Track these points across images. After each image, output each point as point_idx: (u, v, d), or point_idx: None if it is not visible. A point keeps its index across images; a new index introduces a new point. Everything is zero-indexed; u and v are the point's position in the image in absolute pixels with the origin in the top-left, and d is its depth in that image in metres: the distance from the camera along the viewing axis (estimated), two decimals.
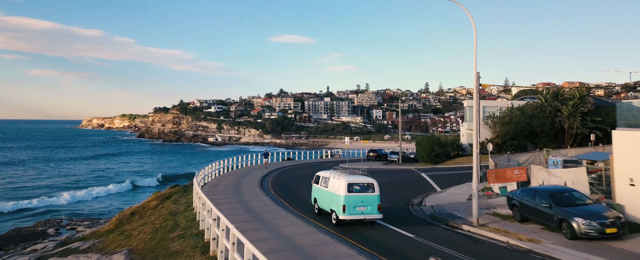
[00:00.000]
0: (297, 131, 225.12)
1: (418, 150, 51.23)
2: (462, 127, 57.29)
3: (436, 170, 42.92)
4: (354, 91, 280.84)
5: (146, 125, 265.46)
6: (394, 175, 40.99)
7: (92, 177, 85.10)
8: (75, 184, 77.32)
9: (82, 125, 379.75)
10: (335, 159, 61.97)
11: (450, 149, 51.06)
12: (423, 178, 37.96)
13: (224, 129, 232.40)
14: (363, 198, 18.65)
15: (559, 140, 50.40)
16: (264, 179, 35.38)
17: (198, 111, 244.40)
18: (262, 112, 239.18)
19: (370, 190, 18.93)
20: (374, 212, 18.71)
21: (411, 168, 46.37)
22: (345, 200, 18.44)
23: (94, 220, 51.84)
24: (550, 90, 53.64)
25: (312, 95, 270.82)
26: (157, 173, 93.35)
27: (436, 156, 49.78)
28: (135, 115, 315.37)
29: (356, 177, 19.45)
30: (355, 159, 63.11)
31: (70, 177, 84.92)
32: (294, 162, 55.63)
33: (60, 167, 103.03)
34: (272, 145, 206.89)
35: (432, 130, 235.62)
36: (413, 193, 30.58)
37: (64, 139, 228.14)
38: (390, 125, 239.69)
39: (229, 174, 38.30)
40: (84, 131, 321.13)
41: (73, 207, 57.56)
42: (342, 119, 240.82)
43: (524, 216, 19.97)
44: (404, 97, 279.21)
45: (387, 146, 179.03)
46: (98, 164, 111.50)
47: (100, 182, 78.25)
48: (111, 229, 24.60)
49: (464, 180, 35.69)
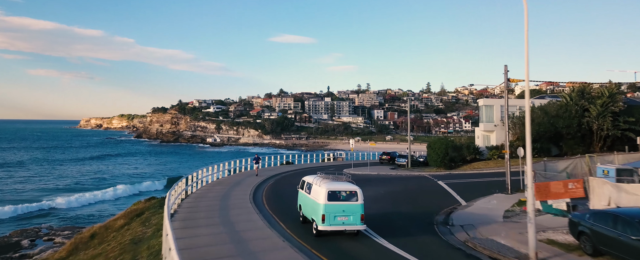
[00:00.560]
0: (297, 132, 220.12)
1: (430, 153, 46.23)
2: (477, 129, 52.29)
3: (454, 177, 37.88)
4: (355, 91, 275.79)
5: (144, 126, 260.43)
6: (407, 182, 35.98)
7: (87, 180, 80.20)
8: (68, 187, 72.93)
9: (80, 126, 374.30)
10: (339, 163, 56.86)
11: (466, 152, 46.06)
12: (441, 187, 32.94)
13: (222, 129, 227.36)
14: (345, 207, 17.11)
15: (586, 143, 45.39)
16: (258, 189, 30.35)
17: (197, 111, 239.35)
18: (262, 112, 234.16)
19: (353, 198, 17.40)
20: (357, 222, 17.12)
21: (424, 174, 41.32)
22: (325, 210, 16.92)
23: (75, 230, 47.27)
24: (575, 88, 48.58)
25: (313, 95, 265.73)
26: (161, 176, 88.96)
27: (451, 160, 44.77)
28: (134, 116, 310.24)
29: (338, 184, 17.99)
30: (361, 162, 58.01)
31: (64, 180, 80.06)
32: (293, 166, 50.59)
33: (56, 169, 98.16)
34: (271, 145, 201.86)
35: (435, 131, 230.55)
36: (434, 206, 25.60)
37: (60, 140, 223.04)
38: (392, 126, 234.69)
39: (219, 182, 33.29)
40: (81, 131, 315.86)
41: (64, 212, 53.84)
42: (343, 119, 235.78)
43: (598, 249, 14.92)
44: (406, 97, 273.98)
45: (391, 147, 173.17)
46: (94, 166, 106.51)
47: (95, 186, 73.58)
48: (63, 258, 19.58)
49: (490, 190, 30.73)
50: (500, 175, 38.05)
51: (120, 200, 60.96)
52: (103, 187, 70.92)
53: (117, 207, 53.79)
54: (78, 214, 54.91)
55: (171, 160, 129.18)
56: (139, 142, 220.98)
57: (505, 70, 29.28)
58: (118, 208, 52.02)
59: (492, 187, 32.02)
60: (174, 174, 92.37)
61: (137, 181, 78.87)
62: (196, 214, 20.42)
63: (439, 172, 42.49)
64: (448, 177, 38.58)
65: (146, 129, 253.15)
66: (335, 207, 17.05)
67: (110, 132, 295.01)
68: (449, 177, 37.99)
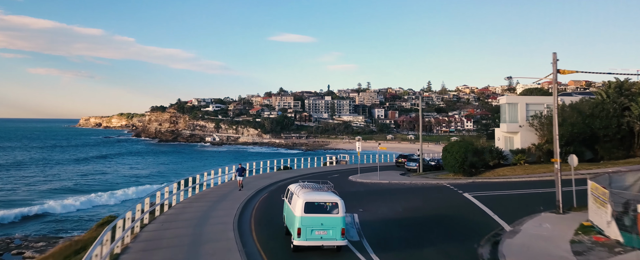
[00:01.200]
0: (297, 131, 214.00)
1: (447, 158, 40.08)
2: (497, 130, 46.14)
3: (480, 188, 31.72)
4: (355, 90, 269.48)
5: (143, 124, 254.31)
6: (426, 195, 29.82)
7: (81, 182, 74.21)
8: (63, 189, 67.32)
9: (80, 124, 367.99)
10: (343, 167, 50.60)
11: (489, 157, 39.89)
12: (469, 201, 26.80)
13: (222, 128, 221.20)
14: (324, 220, 15.37)
15: (625, 146, 39.28)
16: (246, 208, 24.19)
17: (196, 110, 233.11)
18: (261, 111, 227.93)
19: (334, 211, 15.59)
20: (337, 237, 15.41)
21: (444, 183, 35.12)
22: (301, 222, 15.25)
23: (52, 241, 41.60)
24: (612, 84, 42.40)
25: (313, 94, 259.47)
26: (159, 177, 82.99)
27: (471, 166, 38.62)
28: (133, 114, 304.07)
29: (318, 194, 16.09)
30: (368, 165, 51.64)
31: (57, 182, 74.14)
32: (291, 172, 44.33)
33: (50, 170, 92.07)
34: (271, 145, 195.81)
35: (436, 130, 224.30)
36: (471, 232, 19.59)
37: (58, 139, 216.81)
38: (392, 125, 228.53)
39: (202, 196, 27.15)
40: (80, 130, 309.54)
41: (54, 217, 49.50)
42: (343, 118, 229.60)
43: None
44: (406, 96, 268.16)
45: (394, 147, 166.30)
46: (90, 167, 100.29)
47: (89, 188, 67.76)
48: None
49: (533, 206, 24.65)
50: (535, 185, 31.93)
51: (115, 203, 55.48)
52: (97, 189, 65.23)
53: (110, 212, 47.90)
54: (69, 218, 49.68)
55: (170, 161, 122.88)
56: (137, 141, 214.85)
57: (553, 60, 23.14)
58: (112, 212, 46.18)
59: (533, 202, 25.93)
60: (173, 175, 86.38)
61: (133, 183, 72.93)
62: (153, 254, 14.30)
63: (459, 180, 36.31)
64: (473, 187, 32.41)
65: (145, 127, 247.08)
66: (313, 220, 15.25)
67: (109, 131, 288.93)
68: (474, 188, 31.82)
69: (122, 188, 64.72)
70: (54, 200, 55.93)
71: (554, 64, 23.04)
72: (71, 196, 59.38)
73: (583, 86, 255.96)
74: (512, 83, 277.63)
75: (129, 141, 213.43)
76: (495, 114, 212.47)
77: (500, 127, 45.28)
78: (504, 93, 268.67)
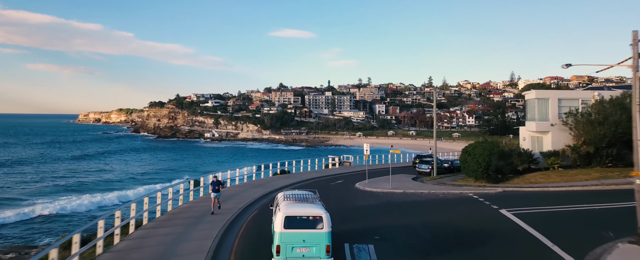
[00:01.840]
0: (297, 126, 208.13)
1: (467, 161, 34.14)
2: (522, 129, 40.22)
3: (515, 201, 25.82)
4: (356, 85, 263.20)
5: (142, 120, 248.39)
6: (452, 211, 23.91)
7: (74, 182, 68.19)
8: (53, 189, 61.40)
9: (79, 120, 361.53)
10: (348, 171, 44.42)
11: (517, 161, 33.98)
12: (510, 221, 20.92)
13: (221, 124, 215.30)
14: (306, 236, 13.32)
15: None
16: (228, 233, 18.29)
17: (194, 106, 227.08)
18: (261, 107, 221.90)
19: (318, 225, 13.42)
20: (321, 255, 13.34)
21: (469, 193, 29.17)
22: (281, 239, 13.23)
23: (23, 251, 35.91)
24: None
25: (313, 90, 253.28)
26: (156, 175, 77.16)
27: (497, 171, 32.73)
28: (132, 110, 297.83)
29: (300, 206, 13.92)
30: (376, 167, 45.58)
31: (48, 181, 68.27)
32: (289, 177, 38.29)
33: (46, 167, 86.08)
34: (271, 141, 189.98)
35: (438, 126, 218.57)
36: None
37: (56, 135, 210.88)
38: (394, 121, 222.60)
39: (172, 216, 21.27)
40: (78, 126, 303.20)
41: (44, 219, 43.72)
42: (344, 114, 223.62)
43: None
44: (407, 91, 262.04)
45: (399, 143, 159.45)
46: (84, 164, 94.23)
47: (80, 187, 62.07)
48: None
49: (591, 226, 18.96)
50: (582, 198, 25.99)
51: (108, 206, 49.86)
52: (88, 189, 59.57)
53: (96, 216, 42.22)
54: (57, 221, 43.89)
55: (168, 157, 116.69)
56: (135, 137, 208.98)
57: (634, 40, 17.17)
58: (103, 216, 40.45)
59: (593, 223, 20.13)
60: (170, 173, 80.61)
61: (127, 185, 67.24)
62: None
63: (485, 189, 30.38)
64: (506, 199, 26.50)
65: (143, 123, 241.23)
66: (294, 236, 13.35)
67: (108, 127, 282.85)
68: (509, 201, 25.91)
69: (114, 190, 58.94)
70: (46, 201, 50.66)
71: (635, 46, 17.10)
72: (65, 197, 54.14)
73: (585, 81, 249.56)
74: (514, 78, 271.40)
75: (127, 137, 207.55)
76: (497, 110, 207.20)
77: (526, 125, 39.36)
78: (505, 88, 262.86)
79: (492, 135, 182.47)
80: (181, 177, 75.58)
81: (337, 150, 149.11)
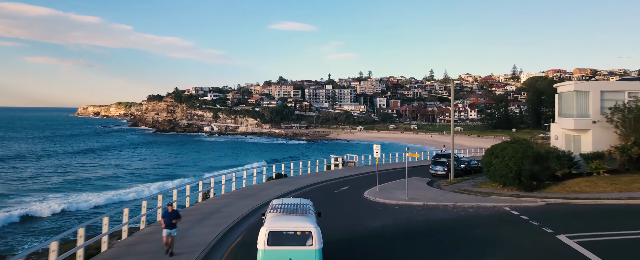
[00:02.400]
0: (297, 120, 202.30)
1: (493, 164, 28.47)
2: (554, 126, 34.51)
3: (571, 220, 20.12)
4: (357, 79, 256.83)
5: (141, 114, 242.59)
6: (488, 235, 18.15)
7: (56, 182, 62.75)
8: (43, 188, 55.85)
9: (78, 113, 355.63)
10: (353, 173, 38.55)
11: (556, 164, 28.25)
12: (582, 257, 15.25)
13: (220, 118, 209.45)
14: (293, 254, 11.23)
15: None
16: None
17: (193, 99, 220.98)
18: (261, 101, 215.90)
19: (307, 242, 11.29)
20: None
21: (504, 207, 23.40)
22: (264, 258, 11.18)
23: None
24: None
25: (313, 83, 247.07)
26: (152, 172, 71.37)
27: (532, 177, 27.11)
28: (131, 103, 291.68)
29: (286, 220, 11.72)
30: (386, 168, 39.67)
31: (42, 179, 62.89)
32: (285, 183, 32.27)
33: (40, 164, 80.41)
34: (270, 135, 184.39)
35: (439, 119, 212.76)
36: None
37: (51, 129, 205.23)
38: (395, 114, 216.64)
39: (142, 240, 15.67)
40: (77, 119, 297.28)
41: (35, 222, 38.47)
42: (345, 107, 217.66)
43: None
44: (408, 84, 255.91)
45: (399, 137, 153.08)
46: (77, 160, 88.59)
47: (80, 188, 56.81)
48: None
49: None
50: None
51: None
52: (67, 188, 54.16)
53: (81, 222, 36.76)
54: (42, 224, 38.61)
55: (167, 153, 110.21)
56: (133, 131, 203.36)
57: None
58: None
59: None
60: (168, 171, 74.99)
61: (122, 183, 61.68)
62: None
63: (522, 201, 24.66)
64: (554, 216, 20.82)
65: (142, 117, 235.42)
66: (279, 254, 11.20)
67: (107, 120, 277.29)
68: (560, 219, 20.23)
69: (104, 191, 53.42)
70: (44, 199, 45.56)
71: None
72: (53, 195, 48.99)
73: (588, 74, 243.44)
74: (516, 71, 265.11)
75: (125, 131, 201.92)
76: (499, 103, 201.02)
77: (558, 121, 33.65)
78: (508, 82, 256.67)
79: (495, 130, 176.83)
80: (178, 174, 70.21)
81: (338, 145, 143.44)
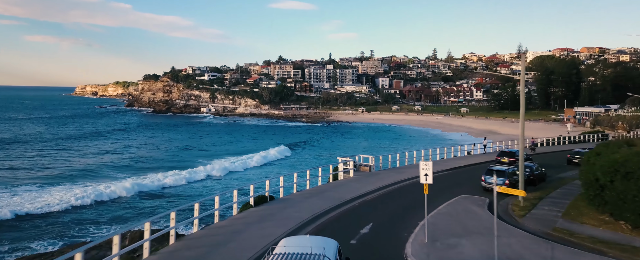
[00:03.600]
0: (297, 101, 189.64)
1: (617, 186, 16.43)
2: None
3: None
4: (358, 58, 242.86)
5: (138, 94, 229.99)
6: None
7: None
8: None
9: (76, 93, 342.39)
10: (373, 189, 25.06)
11: None
12: None
13: (217, 98, 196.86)
14: None
15: None
16: None
17: (190, 79, 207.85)
18: (259, 81, 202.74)
19: None
20: None
21: None
22: None
23: None
24: None
25: (314, 63, 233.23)
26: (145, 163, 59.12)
27: None
28: (129, 83, 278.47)
29: (294, 242, 9.92)
30: (410, 174, 27.00)
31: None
32: (267, 214, 19.58)
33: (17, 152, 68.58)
34: (269, 116, 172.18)
35: (444, 100, 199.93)
36: None
37: (44, 110, 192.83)
38: (398, 95, 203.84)
39: None
40: (73, 99, 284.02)
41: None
42: (346, 88, 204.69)
43: None
44: (412, 64, 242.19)
45: (404, 119, 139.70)
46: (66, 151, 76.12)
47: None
48: None
49: None
50: None
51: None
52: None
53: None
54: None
55: (161, 138, 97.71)
56: (128, 112, 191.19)
57: None
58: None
59: None
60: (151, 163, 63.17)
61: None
62: None
63: None
64: None
65: (138, 97, 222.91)
66: None
67: (104, 100, 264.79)
68: None
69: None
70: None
71: None
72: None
73: (597, 53, 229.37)
74: (521, 50, 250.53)
75: (121, 112, 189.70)
76: (506, 83, 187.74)
77: None
78: (513, 61, 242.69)
79: (502, 111, 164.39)
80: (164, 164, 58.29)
81: (339, 128, 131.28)
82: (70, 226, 30.53)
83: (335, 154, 59.59)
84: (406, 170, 31.02)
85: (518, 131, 25.85)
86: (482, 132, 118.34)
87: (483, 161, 36.57)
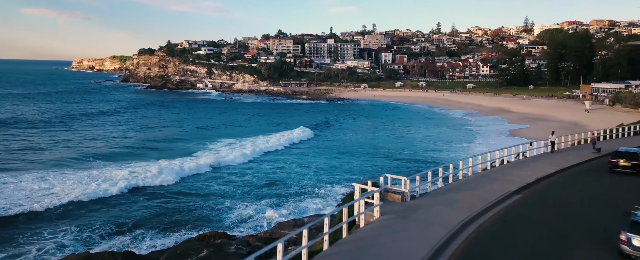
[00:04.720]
0: (296, 77, 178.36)
1: None
2: None
3: None
4: (360, 32, 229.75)
5: (133, 69, 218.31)
6: None
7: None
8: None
9: (72, 67, 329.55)
10: (421, 249, 14.69)
11: None
12: None
13: (214, 74, 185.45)
14: None
15: None
16: None
17: (186, 53, 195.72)
18: (258, 56, 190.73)
19: None
20: None
21: None
22: None
23: None
24: None
25: (314, 37, 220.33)
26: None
27: None
28: (126, 57, 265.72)
29: None
30: (468, 187, 15.70)
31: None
32: None
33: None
34: (268, 93, 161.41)
35: (449, 76, 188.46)
36: None
37: (33, 84, 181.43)
38: (401, 71, 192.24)
39: None
40: (69, 74, 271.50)
41: None
42: (348, 63, 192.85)
43: None
44: (415, 38, 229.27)
45: (407, 96, 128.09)
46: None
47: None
48: None
49: None
50: None
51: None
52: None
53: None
54: None
55: (150, 122, 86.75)
56: (123, 87, 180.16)
57: None
58: None
59: None
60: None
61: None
62: None
63: None
64: None
65: (133, 72, 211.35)
66: None
67: (100, 75, 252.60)
68: None
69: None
70: None
71: None
72: None
73: (607, 26, 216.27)
74: (528, 23, 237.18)
75: (114, 87, 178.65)
76: (513, 58, 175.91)
77: None
78: (519, 34, 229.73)
79: (510, 87, 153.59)
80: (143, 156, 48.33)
81: (341, 106, 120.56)
82: None
83: (358, 139, 59.45)
84: (461, 199, 19.92)
85: (531, 109, 15.28)
86: (493, 110, 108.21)
87: (560, 169, 25.94)
